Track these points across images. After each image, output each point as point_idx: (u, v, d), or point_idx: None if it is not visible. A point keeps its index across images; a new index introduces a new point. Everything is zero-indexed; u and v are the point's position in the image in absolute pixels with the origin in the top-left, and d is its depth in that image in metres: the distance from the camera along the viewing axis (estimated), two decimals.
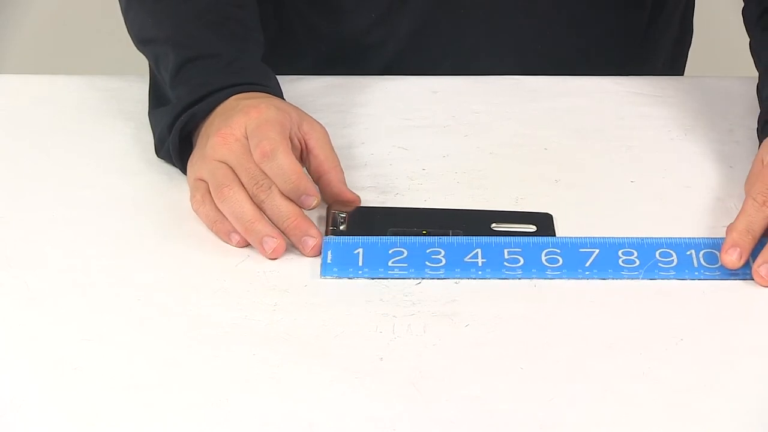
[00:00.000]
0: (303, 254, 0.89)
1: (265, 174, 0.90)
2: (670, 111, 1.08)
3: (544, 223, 0.92)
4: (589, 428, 0.75)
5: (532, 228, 0.92)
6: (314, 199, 0.90)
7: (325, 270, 0.88)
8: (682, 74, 1.28)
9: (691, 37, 1.26)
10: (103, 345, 0.81)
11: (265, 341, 0.81)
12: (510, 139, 1.03)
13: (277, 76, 1.05)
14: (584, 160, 1.01)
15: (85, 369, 0.79)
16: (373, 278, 0.87)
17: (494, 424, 0.75)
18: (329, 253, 0.89)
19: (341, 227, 0.91)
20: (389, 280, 0.87)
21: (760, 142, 0.97)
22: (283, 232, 0.89)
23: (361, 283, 0.87)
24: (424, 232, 0.91)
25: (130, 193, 0.96)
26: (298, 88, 1.09)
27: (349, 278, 0.87)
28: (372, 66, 1.15)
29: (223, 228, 0.90)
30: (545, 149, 1.02)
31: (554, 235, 0.91)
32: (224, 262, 0.89)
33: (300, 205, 0.90)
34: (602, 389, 0.78)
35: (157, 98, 1.01)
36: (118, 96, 1.07)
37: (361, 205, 0.94)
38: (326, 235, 0.91)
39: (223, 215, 0.90)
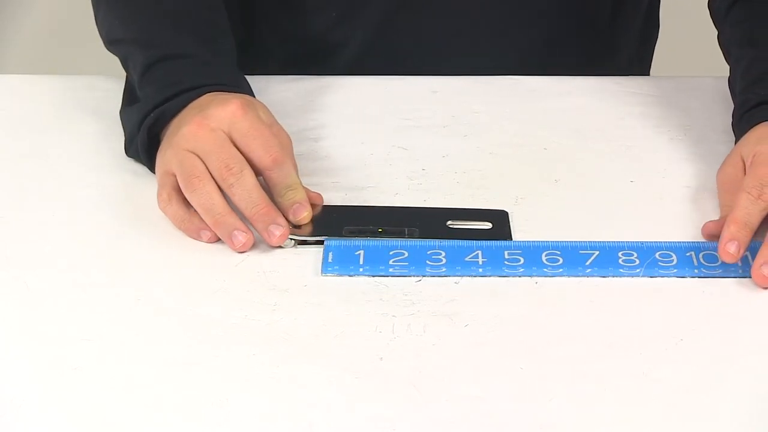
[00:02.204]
0: (268, 244, 0.89)
1: (239, 158, 0.90)
2: (670, 111, 1.08)
3: (499, 221, 0.92)
4: (589, 428, 0.75)
5: (488, 225, 0.92)
6: (306, 211, 0.91)
7: (326, 268, 0.88)
8: (649, 70, 1.28)
9: (658, 33, 1.26)
10: (103, 345, 0.81)
11: (265, 341, 0.81)
12: (510, 139, 1.03)
13: (278, 76, 1.05)
14: (584, 160, 1.01)
15: (85, 369, 0.79)
16: (374, 275, 0.87)
17: (494, 424, 0.75)
18: (330, 254, 0.89)
19: (297, 226, 0.91)
20: (389, 279, 0.87)
21: (736, 136, 0.97)
22: (249, 220, 0.89)
23: (362, 283, 0.87)
24: (381, 230, 0.91)
25: (130, 193, 0.96)
26: (298, 87, 1.09)
27: (350, 275, 0.87)
28: (337, 65, 1.15)
29: (192, 226, 0.90)
30: (545, 149, 1.02)
31: (510, 233, 0.91)
32: (224, 262, 0.89)
33: (290, 214, 0.90)
34: (602, 389, 0.78)
35: (129, 97, 1.02)
36: (117, 96, 1.07)
37: (328, 204, 0.94)
38: None
39: (191, 213, 0.90)
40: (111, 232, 0.92)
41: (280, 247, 0.90)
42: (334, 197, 0.96)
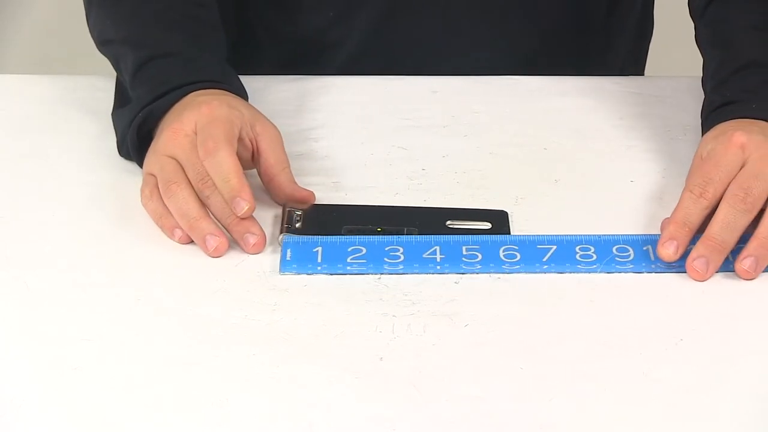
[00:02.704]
0: (245, 251, 0.89)
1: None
2: (669, 111, 1.08)
3: (499, 221, 0.92)
4: (589, 428, 0.75)
5: (488, 225, 0.92)
6: (246, 204, 0.88)
7: (284, 266, 0.88)
8: (644, 69, 1.28)
9: (652, 31, 1.26)
10: (103, 345, 0.81)
11: (265, 341, 0.81)
12: (510, 139, 1.03)
13: (278, 76, 1.05)
14: (584, 160, 1.01)
15: (85, 369, 0.79)
16: (332, 274, 0.87)
17: (494, 424, 0.75)
18: (288, 251, 0.89)
19: (297, 225, 0.91)
20: (389, 278, 0.87)
21: (703, 135, 0.97)
22: (226, 229, 0.90)
23: (362, 283, 0.87)
24: (379, 230, 0.91)
25: (131, 193, 0.95)
26: (297, 87, 1.09)
27: (308, 274, 0.87)
28: (332, 65, 1.15)
29: (167, 223, 0.90)
30: (545, 149, 1.02)
31: (509, 233, 0.91)
32: (224, 262, 0.89)
33: (232, 209, 0.89)
34: (602, 389, 0.78)
35: (121, 98, 1.02)
36: None
37: (327, 203, 0.94)
38: (281, 233, 0.91)
39: (168, 210, 0.90)
40: (111, 232, 0.92)
41: (280, 246, 0.90)
42: (334, 197, 0.96)
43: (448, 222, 0.93)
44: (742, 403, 0.77)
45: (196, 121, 0.92)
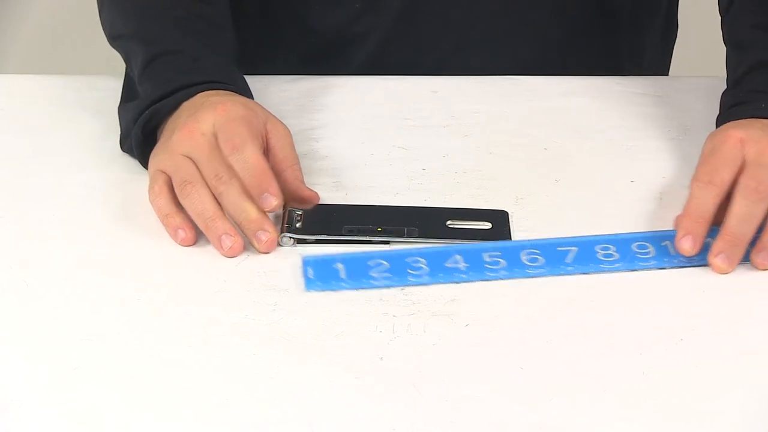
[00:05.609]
0: (257, 250, 0.89)
1: (229, 167, 0.90)
2: (670, 111, 1.08)
3: (499, 221, 0.92)
4: (589, 428, 0.75)
5: (488, 225, 0.92)
6: (275, 199, 0.89)
7: (309, 284, 0.86)
8: (668, 69, 1.28)
9: (677, 33, 1.26)
10: (103, 345, 0.81)
11: (265, 341, 0.81)
12: (510, 139, 1.03)
13: (279, 76, 1.04)
14: (584, 160, 1.01)
15: (85, 369, 0.79)
16: (358, 289, 0.86)
17: (494, 424, 0.75)
18: (309, 269, 0.87)
19: (297, 225, 0.91)
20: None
21: None
22: (239, 227, 0.90)
23: None
24: (379, 229, 0.91)
25: (131, 193, 0.96)
26: (298, 87, 1.09)
27: (335, 291, 0.86)
28: (358, 57, 1.15)
29: (172, 223, 0.90)
30: (545, 149, 1.02)
31: (509, 233, 0.91)
32: (224, 262, 0.89)
33: (261, 204, 0.89)
34: (602, 389, 0.78)
35: (128, 93, 1.02)
36: (118, 96, 1.07)
37: (327, 203, 0.94)
38: (282, 232, 0.91)
39: (176, 210, 0.91)
40: (111, 231, 0.92)
41: (280, 246, 0.90)
42: (334, 197, 0.96)
43: (449, 222, 0.93)
44: (742, 403, 0.77)
45: (214, 122, 0.92)
